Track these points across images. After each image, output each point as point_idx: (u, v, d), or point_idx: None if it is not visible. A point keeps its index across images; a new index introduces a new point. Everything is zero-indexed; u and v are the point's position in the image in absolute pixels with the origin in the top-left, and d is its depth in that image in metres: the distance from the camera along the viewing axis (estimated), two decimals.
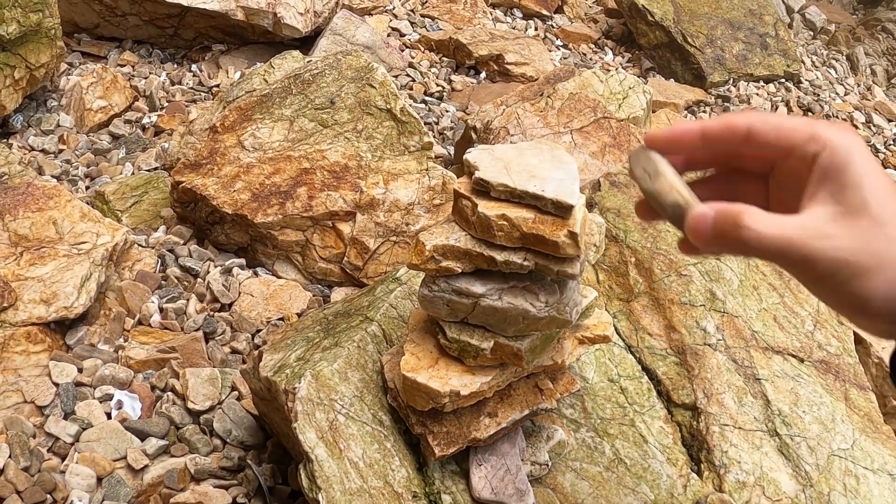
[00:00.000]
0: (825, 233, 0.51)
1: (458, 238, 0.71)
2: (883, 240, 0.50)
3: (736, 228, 0.53)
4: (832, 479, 0.93)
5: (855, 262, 0.51)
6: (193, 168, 1.34)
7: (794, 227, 0.52)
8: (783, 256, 0.53)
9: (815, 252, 0.51)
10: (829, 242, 0.51)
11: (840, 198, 0.52)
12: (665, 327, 1.04)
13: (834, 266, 0.51)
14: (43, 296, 1.09)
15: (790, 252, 0.52)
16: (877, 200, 0.51)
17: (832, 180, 0.53)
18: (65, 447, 0.98)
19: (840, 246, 0.51)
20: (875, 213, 0.51)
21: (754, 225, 0.52)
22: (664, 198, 0.57)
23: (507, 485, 0.80)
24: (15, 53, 1.57)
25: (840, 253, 0.51)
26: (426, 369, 0.76)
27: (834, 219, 0.52)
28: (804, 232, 0.52)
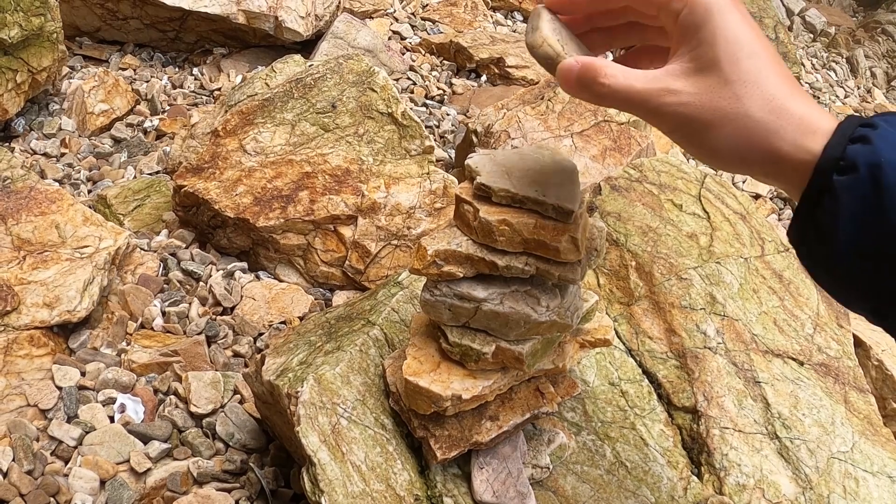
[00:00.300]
0: (672, 88, 0.54)
1: (459, 243, 0.72)
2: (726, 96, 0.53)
3: (594, 81, 0.57)
4: (832, 482, 0.94)
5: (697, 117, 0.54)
6: (195, 172, 1.34)
7: (644, 81, 0.55)
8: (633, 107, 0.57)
9: (660, 106, 0.55)
10: (673, 98, 0.54)
11: (693, 55, 0.54)
12: (665, 331, 1.05)
13: (678, 120, 0.55)
14: (46, 300, 1.10)
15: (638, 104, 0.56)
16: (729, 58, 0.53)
17: (689, 38, 0.55)
18: (68, 450, 0.98)
19: (684, 102, 0.54)
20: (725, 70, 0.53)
21: (609, 79, 0.56)
22: (537, 50, 0.62)
23: (509, 488, 0.81)
24: (17, 57, 1.57)
25: (684, 109, 0.54)
26: (428, 373, 0.76)
27: (684, 74, 0.55)
28: (652, 85, 0.55)
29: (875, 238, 0.47)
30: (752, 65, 0.53)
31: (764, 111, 0.52)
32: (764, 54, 0.54)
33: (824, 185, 0.49)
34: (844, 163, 0.48)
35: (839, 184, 0.48)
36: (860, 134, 0.49)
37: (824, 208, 0.49)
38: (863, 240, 0.48)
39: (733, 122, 0.53)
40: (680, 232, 1.15)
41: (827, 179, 0.49)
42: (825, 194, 0.49)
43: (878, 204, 0.47)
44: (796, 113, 0.52)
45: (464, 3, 2.52)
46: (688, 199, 1.23)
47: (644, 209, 1.18)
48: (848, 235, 0.48)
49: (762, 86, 0.53)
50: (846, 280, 0.51)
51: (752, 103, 0.52)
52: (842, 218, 0.48)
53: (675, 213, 1.19)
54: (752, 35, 0.54)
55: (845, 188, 0.48)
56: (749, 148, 0.53)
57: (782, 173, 0.53)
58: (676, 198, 1.22)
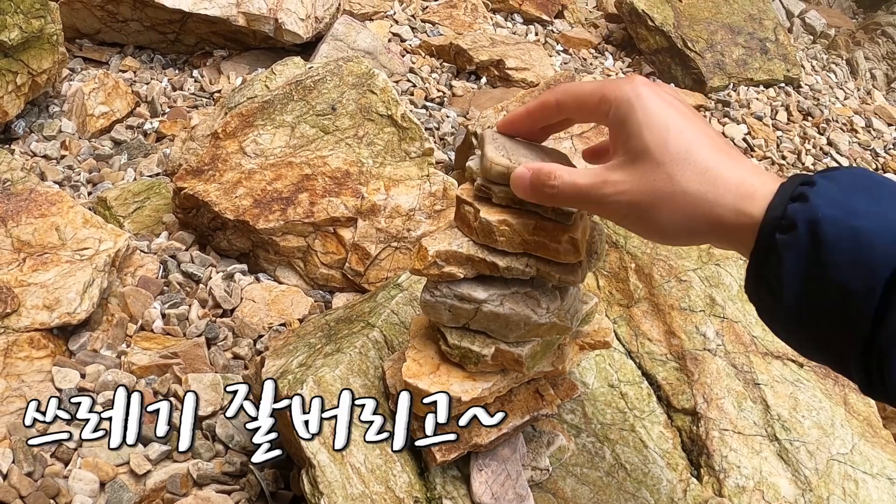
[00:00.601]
0: (611, 180, 0.58)
1: (460, 244, 0.72)
2: (661, 178, 0.55)
3: (544, 184, 0.62)
4: (831, 484, 0.94)
5: (638, 202, 0.57)
6: (195, 174, 1.34)
7: (586, 177, 0.60)
8: (580, 202, 0.61)
9: (602, 198, 0.59)
10: (612, 188, 0.58)
11: (625, 147, 0.58)
12: (665, 333, 1.05)
13: (622, 209, 0.58)
14: (46, 302, 1.10)
15: (584, 198, 0.60)
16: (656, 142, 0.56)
17: (619, 133, 0.59)
18: (68, 452, 0.98)
19: (623, 190, 0.57)
20: (655, 154, 0.56)
21: (556, 180, 0.61)
22: (490, 173, 0.67)
23: (508, 490, 0.81)
24: (17, 59, 1.57)
25: (624, 197, 0.57)
26: (428, 375, 0.76)
27: (620, 166, 0.58)
28: (593, 180, 0.59)
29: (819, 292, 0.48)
30: (680, 143, 0.55)
31: (699, 184, 0.54)
32: (691, 129, 0.56)
33: (769, 245, 0.51)
34: (785, 221, 0.50)
35: (781, 242, 0.50)
36: (799, 192, 0.51)
37: (770, 267, 0.51)
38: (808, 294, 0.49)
39: (672, 201, 0.55)
40: None
41: (770, 239, 0.50)
42: (770, 253, 0.51)
43: (817, 259, 0.48)
44: (732, 179, 0.54)
45: (464, 5, 2.52)
46: None
47: None
48: (794, 291, 0.49)
49: (693, 160, 0.55)
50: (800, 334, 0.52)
51: (686, 179, 0.55)
52: (786, 274, 0.49)
53: None
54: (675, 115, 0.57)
55: (786, 246, 0.49)
56: (692, 222, 0.55)
57: (729, 239, 0.55)
58: None
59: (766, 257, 0.51)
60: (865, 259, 0.46)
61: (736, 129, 2.30)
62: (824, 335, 0.50)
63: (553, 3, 2.71)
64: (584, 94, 0.62)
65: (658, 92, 0.59)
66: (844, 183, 0.50)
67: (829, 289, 0.48)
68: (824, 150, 2.33)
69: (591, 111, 0.62)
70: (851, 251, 0.47)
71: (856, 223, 0.47)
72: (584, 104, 0.62)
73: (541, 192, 0.63)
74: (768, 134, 2.33)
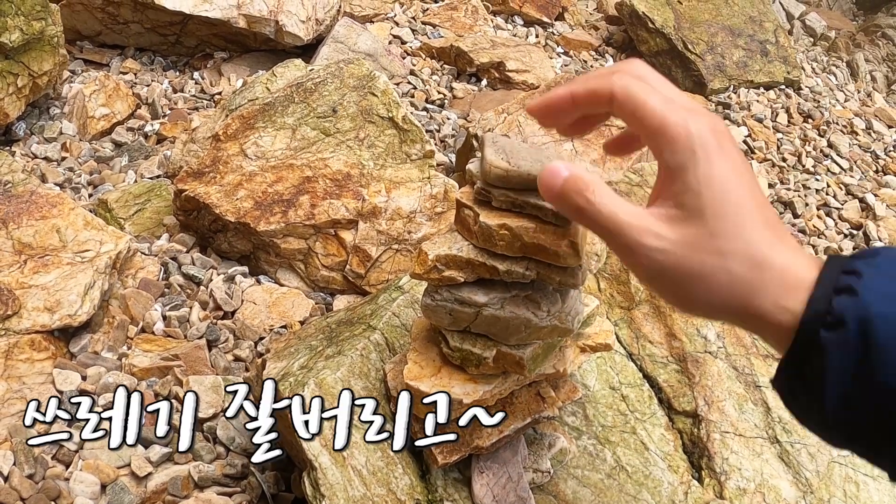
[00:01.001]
0: (655, 231, 0.52)
1: (460, 248, 0.72)
2: (710, 251, 0.51)
3: (579, 195, 0.54)
4: (832, 486, 0.94)
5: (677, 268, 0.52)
6: (196, 176, 1.35)
7: (628, 214, 0.53)
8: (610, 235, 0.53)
9: (639, 247, 0.52)
10: (655, 241, 0.52)
11: (678, 201, 0.52)
12: (666, 335, 1.05)
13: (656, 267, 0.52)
14: (47, 304, 1.10)
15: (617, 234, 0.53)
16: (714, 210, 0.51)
17: (674, 180, 0.53)
18: (69, 454, 0.98)
19: (665, 248, 0.52)
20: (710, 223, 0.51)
21: (597, 199, 0.54)
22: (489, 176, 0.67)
23: (509, 492, 0.81)
24: (18, 61, 1.58)
25: (663, 256, 0.52)
26: (429, 378, 0.76)
27: (668, 220, 0.52)
28: (636, 221, 0.53)
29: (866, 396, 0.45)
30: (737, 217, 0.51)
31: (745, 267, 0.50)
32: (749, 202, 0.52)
33: (811, 341, 0.47)
34: (831, 317, 0.46)
35: (827, 340, 0.46)
36: (845, 284, 0.47)
37: (812, 364, 0.47)
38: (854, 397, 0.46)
39: (713, 278, 0.51)
40: None
41: (814, 335, 0.47)
42: (812, 350, 0.47)
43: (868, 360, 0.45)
44: (778, 266, 0.50)
45: (464, 7, 2.53)
46: None
47: None
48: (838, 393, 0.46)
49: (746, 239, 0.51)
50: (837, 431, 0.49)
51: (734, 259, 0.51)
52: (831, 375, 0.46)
53: None
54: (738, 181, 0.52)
55: (834, 344, 0.46)
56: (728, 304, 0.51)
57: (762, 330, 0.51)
58: None
59: (805, 353, 0.47)
60: None
61: (736, 132, 2.30)
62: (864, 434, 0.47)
63: (553, 6, 2.71)
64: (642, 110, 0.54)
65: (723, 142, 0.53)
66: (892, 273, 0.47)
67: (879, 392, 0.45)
68: (824, 152, 2.33)
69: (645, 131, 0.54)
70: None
71: None
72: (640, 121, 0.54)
73: (570, 200, 0.55)
74: (769, 136, 2.33)
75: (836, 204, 2.11)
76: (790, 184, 2.15)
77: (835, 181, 2.20)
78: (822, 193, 2.14)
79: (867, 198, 2.12)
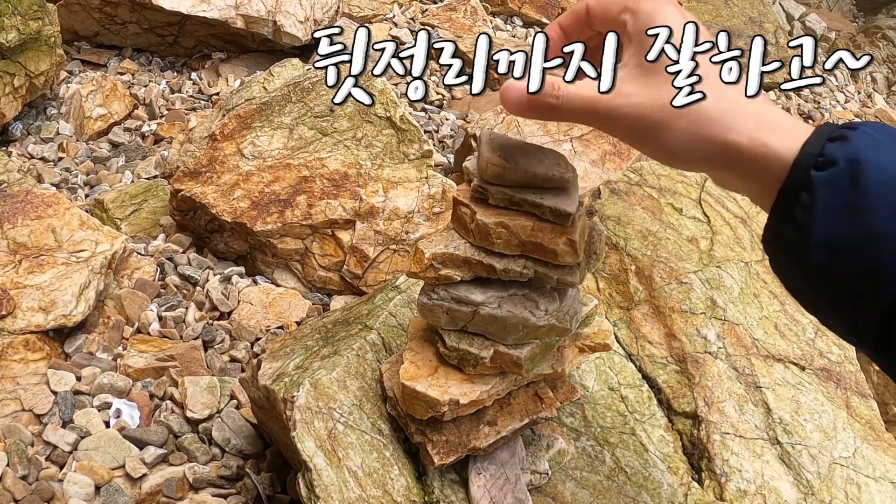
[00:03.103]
0: (623, 91, 0.55)
1: (457, 246, 0.71)
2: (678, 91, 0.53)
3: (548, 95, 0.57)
4: (834, 488, 0.93)
5: (649, 116, 0.54)
6: (193, 176, 1.34)
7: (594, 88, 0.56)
8: (586, 115, 0.57)
9: (612, 109, 0.55)
10: (624, 100, 0.55)
11: (640, 59, 0.55)
12: (665, 335, 1.04)
13: (631, 121, 0.55)
14: (41, 304, 1.09)
15: (591, 111, 0.56)
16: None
17: (636, 43, 0.56)
18: (63, 456, 0.97)
19: (635, 102, 0.54)
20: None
21: (561, 91, 0.57)
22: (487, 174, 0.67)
23: (507, 494, 0.80)
24: (14, 61, 1.57)
25: (635, 109, 0.54)
26: (425, 378, 0.75)
27: (633, 78, 0.55)
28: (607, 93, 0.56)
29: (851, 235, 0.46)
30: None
31: (717, 105, 0.52)
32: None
33: (802, 182, 0.49)
34: (823, 159, 0.48)
35: (817, 179, 0.48)
36: (839, 134, 0.49)
37: (802, 203, 0.49)
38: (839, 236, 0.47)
39: (685, 117, 0.53)
40: (680, 236, 1.15)
41: (805, 176, 0.48)
42: (802, 191, 0.49)
43: (855, 200, 0.46)
44: (751, 106, 0.52)
45: (463, 8, 2.52)
46: (688, 202, 1.22)
47: (644, 213, 1.18)
48: (824, 230, 0.47)
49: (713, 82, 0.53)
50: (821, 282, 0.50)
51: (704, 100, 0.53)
52: (819, 213, 0.47)
53: (675, 216, 1.19)
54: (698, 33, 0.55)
55: (823, 183, 0.47)
56: (703, 143, 0.53)
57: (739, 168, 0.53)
58: (676, 201, 1.21)
59: (796, 194, 0.49)
60: None
61: None
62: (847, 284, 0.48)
63: (553, 6, 2.71)
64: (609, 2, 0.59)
65: (682, 11, 0.57)
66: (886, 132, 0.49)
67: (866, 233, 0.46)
68: None
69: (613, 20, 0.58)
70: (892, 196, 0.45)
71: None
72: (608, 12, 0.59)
73: (540, 104, 0.58)
74: None
75: None
76: None
77: None
78: None
79: None
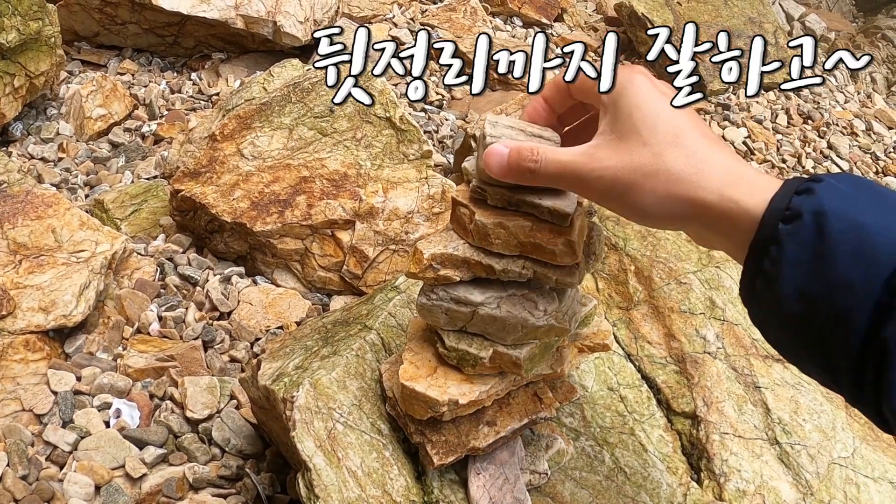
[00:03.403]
0: (596, 157, 0.58)
1: (456, 246, 0.71)
2: (646, 156, 0.55)
3: (527, 161, 0.61)
4: (833, 488, 0.93)
5: (621, 178, 0.56)
6: (192, 176, 1.34)
7: (571, 155, 0.60)
8: (562, 180, 0.61)
9: (585, 174, 0.58)
10: (597, 164, 0.58)
11: (614, 126, 0.58)
12: (665, 335, 1.04)
13: (604, 184, 0.57)
14: (41, 304, 1.09)
15: (566, 175, 0.60)
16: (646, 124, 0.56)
17: (610, 113, 0.59)
18: (63, 455, 0.98)
19: (607, 166, 0.57)
20: (643, 134, 0.56)
21: (539, 156, 0.61)
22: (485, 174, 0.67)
23: (506, 494, 0.80)
24: (14, 61, 1.57)
25: (607, 172, 0.57)
26: (425, 378, 0.76)
27: (606, 144, 0.58)
28: (579, 158, 0.59)
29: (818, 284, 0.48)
30: (669, 127, 0.56)
31: (684, 164, 0.54)
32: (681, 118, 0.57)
33: (770, 235, 0.50)
34: (790, 212, 0.50)
35: (784, 231, 0.49)
36: (805, 187, 0.50)
37: (770, 257, 0.50)
38: (807, 286, 0.49)
39: (655, 178, 0.55)
40: (679, 236, 1.15)
41: (773, 229, 0.50)
42: (771, 243, 0.50)
43: (821, 251, 0.48)
44: (719, 164, 0.54)
45: (463, 8, 2.52)
46: None
47: None
48: (793, 283, 0.49)
49: (682, 143, 0.55)
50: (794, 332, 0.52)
51: (671, 159, 0.55)
52: (786, 265, 0.49)
53: None
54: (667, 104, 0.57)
55: (789, 235, 0.49)
56: (674, 202, 0.55)
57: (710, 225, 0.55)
58: None
59: (765, 248, 0.51)
60: (869, 253, 0.46)
61: (736, 133, 2.30)
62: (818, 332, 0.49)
63: (552, 7, 2.71)
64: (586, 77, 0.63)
65: (653, 81, 0.60)
66: (850, 183, 0.50)
67: (830, 281, 0.47)
68: (824, 153, 2.32)
69: (589, 91, 0.62)
70: (855, 244, 0.47)
71: (861, 219, 0.47)
72: (585, 82, 0.63)
73: (521, 169, 0.62)
74: (768, 137, 2.32)
75: None
76: None
77: None
78: None
79: None
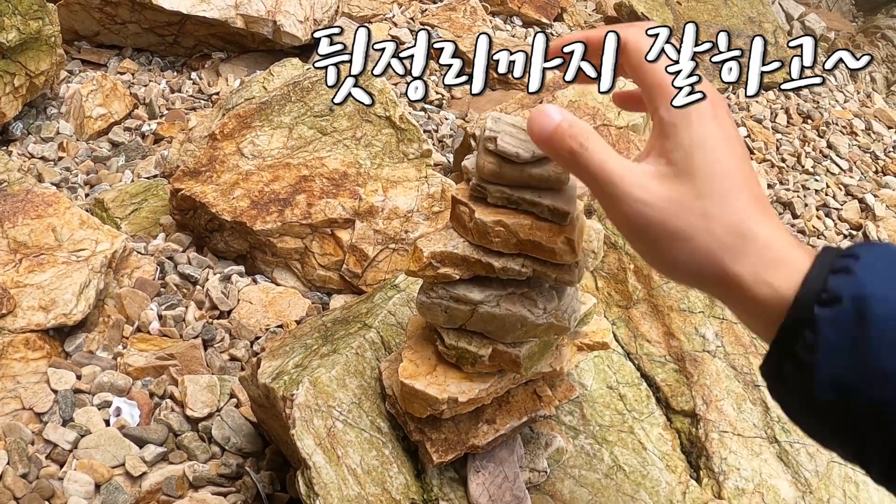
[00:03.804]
0: (644, 184, 0.52)
1: (455, 245, 0.71)
2: (696, 212, 0.51)
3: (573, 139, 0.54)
4: (832, 486, 0.93)
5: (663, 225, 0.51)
6: (192, 175, 1.34)
7: (620, 167, 0.53)
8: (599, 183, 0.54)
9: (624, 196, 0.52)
10: (641, 193, 0.52)
11: (670, 158, 0.52)
12: (664, 334, 1.04)
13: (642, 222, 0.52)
14: (42, 303, 1.09)
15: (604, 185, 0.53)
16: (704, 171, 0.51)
17: (667, 137, 0.53)
18: (63, 454, 0.98)
19: (651, 203, 0.52)
20: (699, 184, 0.51)
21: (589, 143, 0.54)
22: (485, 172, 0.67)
23: (505, 492, 0.80)
24: (15, 61, 1.57)
25: (648, 210, 0.52)
26: (424, 376, 0.76)
27: (658, 177, 0.52)
28: (626, 173, 0.53)
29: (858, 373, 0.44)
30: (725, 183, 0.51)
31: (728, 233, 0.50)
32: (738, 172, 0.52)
33: (805, 318, 0.46)
34: (827, 295, 0.45)
35: (821, 316, 0.45)
36: (842, 265, 0.46)
37: (804, 342, 0.46)
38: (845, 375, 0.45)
39: (695, 239, 0.51)
40: None
41: (808, 312, 0.46)
42: (805, 328, 0.46)
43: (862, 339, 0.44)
44: (761, 238, 0.50)
45: (463, 8, 2.52)
46: None
47: None
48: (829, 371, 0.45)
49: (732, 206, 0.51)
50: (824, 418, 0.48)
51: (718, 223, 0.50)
52: (823, 353, 0.45)
53: None
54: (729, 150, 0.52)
55: (828, 321, 0.45)
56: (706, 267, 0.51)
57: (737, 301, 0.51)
58: None
59: (798, 331, 0.46)
60: None
61: None
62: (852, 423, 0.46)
63: (552, 6, 2.71)
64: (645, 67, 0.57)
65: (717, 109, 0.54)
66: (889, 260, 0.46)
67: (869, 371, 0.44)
68: (824, 152, 2.33)
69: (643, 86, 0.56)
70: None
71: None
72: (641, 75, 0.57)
73: (562, 144, 0.55)
74: (768, 137, 2.32)
75: (836, 204, 2.11)
76: (789, 184, 2.15)
77: (834, 182, 2.20)
78: (821, 194, 2.14)
79: (867, 198, 2.12)
